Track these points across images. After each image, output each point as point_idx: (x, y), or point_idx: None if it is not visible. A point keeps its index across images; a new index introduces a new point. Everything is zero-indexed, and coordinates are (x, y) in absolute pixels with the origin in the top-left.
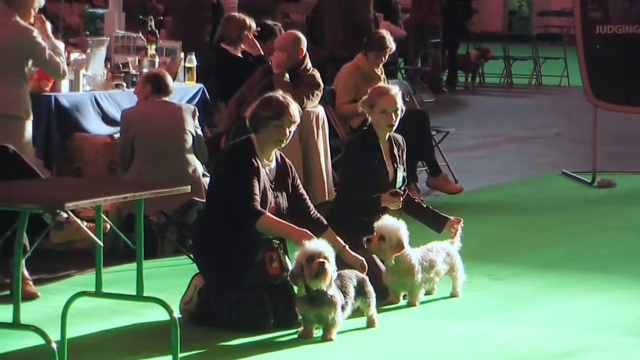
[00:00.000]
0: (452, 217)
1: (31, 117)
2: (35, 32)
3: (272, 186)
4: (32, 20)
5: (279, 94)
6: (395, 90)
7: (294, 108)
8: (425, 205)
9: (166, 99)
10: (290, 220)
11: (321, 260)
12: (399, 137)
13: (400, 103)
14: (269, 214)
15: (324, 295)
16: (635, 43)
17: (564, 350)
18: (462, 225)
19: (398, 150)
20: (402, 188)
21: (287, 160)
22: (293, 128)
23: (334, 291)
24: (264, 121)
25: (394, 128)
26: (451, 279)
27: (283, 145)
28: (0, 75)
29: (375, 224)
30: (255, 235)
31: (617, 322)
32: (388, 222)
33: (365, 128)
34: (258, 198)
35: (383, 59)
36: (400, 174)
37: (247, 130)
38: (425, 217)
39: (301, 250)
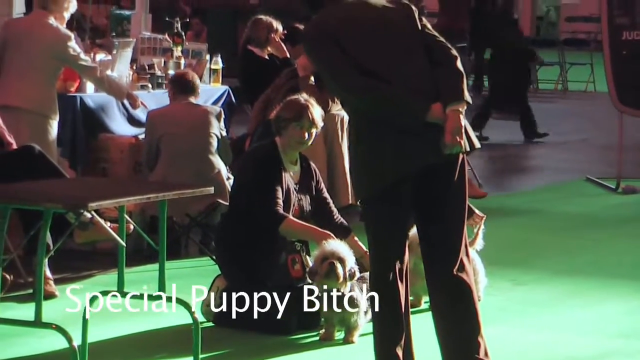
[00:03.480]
0: (478, 212)
1: (57, 118)
2: (72, 40)
3: (296, 189)
4: (65, 23)
5: (302, 96)
6: None
7: (315, 110)
8: None
9: (192, 99)
10: (313, 223)
11: (332, 261)
12: None
13: None
14: (291, 217)
15: (347, 298)
16: None
17: (587, 356)
18: (484, 226)
19: None
20: None
21: (311, 163)
22: (314, 130)
23: (356, 293)
24: (284, 123)
25: None
26: None
27: (304, 147)
28: (34, 75)
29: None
30: (277, 238)
31: None
32: None
33: None
34: (280, 202)
35: None
36: None
37: (272, 133)
38: None
39: (319, 250)
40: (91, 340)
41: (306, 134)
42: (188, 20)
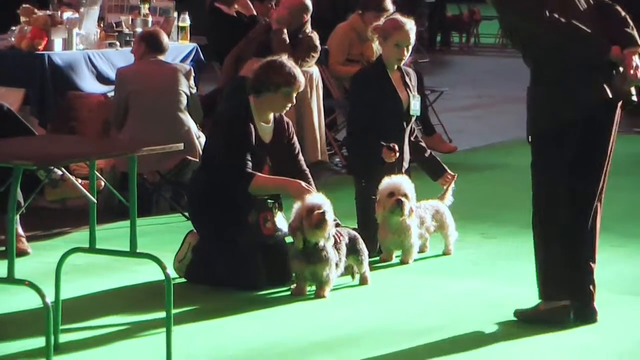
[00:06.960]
0: (449, 171)
1: None
2: None
3: (269, 147)
4: None
5: (284, 59)
6: (411, 25)
7: (302, 76)
8: (429, 152)
9: (161, 57)
10: (281, 171)
11: (321, 211)
12: (410, 70)
13: (413, 38)
14: (259, 174)
15: (319, 252)
16: None
17: None
18: (454, 183)
19: (410, 80)
20: (411, 138)
21: (284, 117)
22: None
23: (329, 248)
24: (274, 87)
25: (403, 61)
26: (442, 237)
27: (284, 111)
28: None
29: (389, 183)
30: (248, 195)
31: (612, 280)
32: (403, 181)
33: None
34: (250, 163)
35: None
36: (415, 101)
37: (242, 90)
38: (426, 162)
39: (301, 204)
40: (64, 297)
41: (293, 99)
42: None
